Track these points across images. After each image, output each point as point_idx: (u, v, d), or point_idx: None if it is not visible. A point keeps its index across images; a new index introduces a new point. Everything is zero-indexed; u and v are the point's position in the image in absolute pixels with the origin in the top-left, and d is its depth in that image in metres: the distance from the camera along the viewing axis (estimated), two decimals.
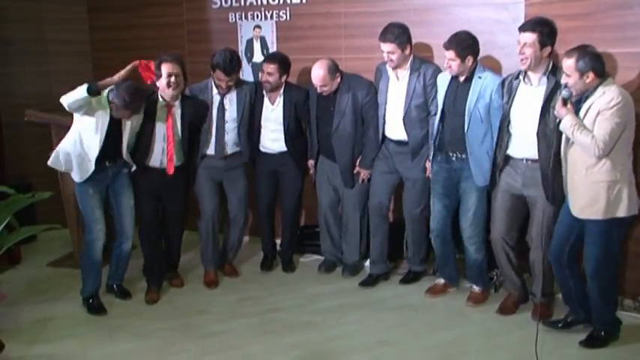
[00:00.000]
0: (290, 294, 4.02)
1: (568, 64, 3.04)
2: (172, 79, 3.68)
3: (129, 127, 3.64)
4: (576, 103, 3.12)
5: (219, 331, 3.51)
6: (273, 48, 4.67)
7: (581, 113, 3.07)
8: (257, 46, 4.72)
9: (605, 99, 2.99)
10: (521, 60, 3.29)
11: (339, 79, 3.97)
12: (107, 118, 3.53)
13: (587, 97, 3.06)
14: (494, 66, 3.94)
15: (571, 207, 3.17)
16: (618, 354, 3.23)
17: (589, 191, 3.07)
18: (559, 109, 3.08)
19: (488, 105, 3.51)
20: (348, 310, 3.77)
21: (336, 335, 3.46)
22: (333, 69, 3.93)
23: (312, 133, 4.22)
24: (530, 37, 3.24)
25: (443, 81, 3.68)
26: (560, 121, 3.11)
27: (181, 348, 3.32)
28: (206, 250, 4.18)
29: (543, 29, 3.24)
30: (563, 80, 3.09)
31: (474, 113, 3.52)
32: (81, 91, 3.33)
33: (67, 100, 3.37)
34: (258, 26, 4.71)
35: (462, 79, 3.58)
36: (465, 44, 3.45)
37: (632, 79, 3.52)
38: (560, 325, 3.44)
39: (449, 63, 3.51)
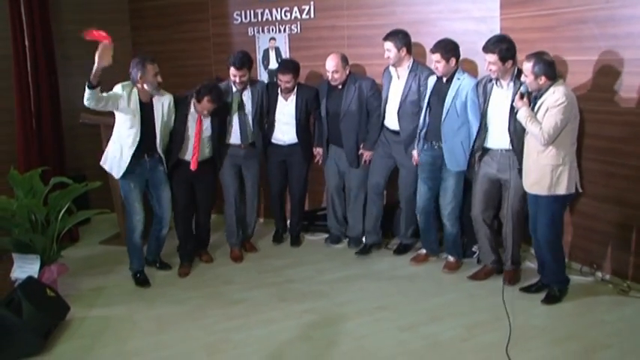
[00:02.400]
0: (302, 267, 4.05)
1: (526, 67, 3.17)
2: (205, 112, 3.75)
3: (160, 121, 3.61)
4: (533, 99, 3.23)
5: (243, 299, 3.55)
6: (286, 56, 4.67)
7: (535, 107, 3.20)
8: (272, 55, 4.72)
9: (554, 98, 3.11)
10: (491, 72, 3.40)
11: (348, 71, 4.03)
12: (138, 113, 3.50)
13: (541, 95, 3.19)
14: (474, 69, 4.01)
15: (524, 183, 3.31)
16: (569, 306, 3.33)
17: (538, 172, 3.22)
18: (516, 102, 3.22)
19: (464, 103, 3.59)
20: (352, 281, 3.79)
21: (343, 302, 3.48)
22: (344, 59, 4.02)
23: (322, 124, 4.23)
24: (492, 57, 3.32)
25: (431, 82, 3.77)
26: (517, 112, 3.24)
27: (211, 313, 3.37)
28: (231, 231, 4.22)
29: (502, 47, 3.30)
30: (522, 79, 3.22)
31: (451, 109, 3.61)
32: (86, 89, 3.23)
33: (84, 100, 3.30)
34: (273, 38, 4.70)
35: (444, 79, 3.65)
36: (448, 48, 3.54)
37: (584, 82, 3.57)
38: (533, 290, 3.50)
39: (435, 65, 3.60)
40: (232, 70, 3.93)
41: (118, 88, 3.49)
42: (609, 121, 3.47)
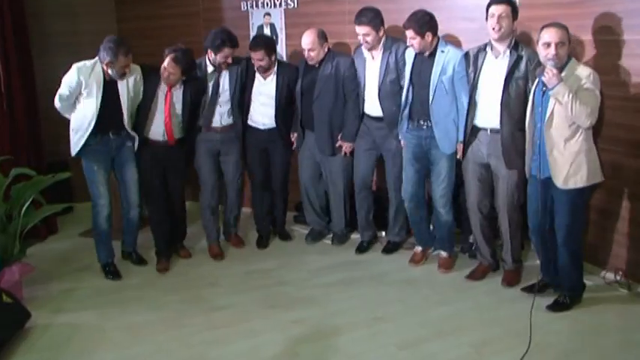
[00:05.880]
0: (295, 267, 3.65)
1: (562, 32, 2.72)
2: (165, 74, 3.36)
3: (127, 97, 3.29)
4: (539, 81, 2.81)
5: (227, 305, 3.17)
6: (282, 34, 4.22)
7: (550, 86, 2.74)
8: (267, 32, 4.25)
9: (585, 72, 2.73)
10: (497, 30, 2.97)
11: (325, 49, 3.60)
12: (101, 86, 3.21)
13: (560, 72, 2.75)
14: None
15: (555, 180, 2.83)
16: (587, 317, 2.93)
17: (571, 162, 2.79)
18: (551, 77, 2.69)
19: (451, 77, 3.22)
20: (349, 285, 3.40)
21: (337, 310, 3.09)
22: (322, 36, 3.58)
23: (297, 105, 3.79)
24: (506, 9, 2.97)
25: (409, 55, 3.36)
26: (534, 89, 2.85)
27: (190, 322, 3.00)
28: (208, 224, 3.81)
29: (513, 2, 2.99)
30: (551, 52, 2.72)
31: (438, 86, 3.23)
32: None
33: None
34: (268, 14, 4.24)
35: (426, 54, 3.25)
36: (421, 22, 3.17)
37: (605, 64, 3.11)
38: (537, 290, 3.08)
39: (410, 42, 3.24)
40: (226, 51, 3.51)
41: (74, 76, 3.18)
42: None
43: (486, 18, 3.03)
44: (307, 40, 3.55)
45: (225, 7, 4.40)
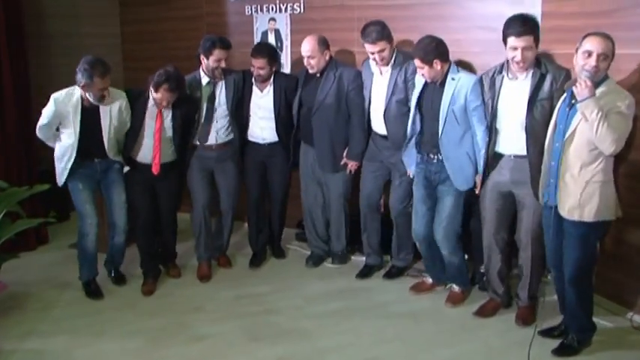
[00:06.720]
0: (289, 292, 3.35)
1: (606, 45, 2.36)
2: (164, 104, 3.13)
3: (108, 124, 3.08)
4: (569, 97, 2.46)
5: (208, 335, 2.89)
6: (287, 40, 3.96)
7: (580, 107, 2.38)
8: (272, 38, 3.99)
9: (621, 95, 2.39)
10: (521, 65, 2.64)
11: (327, 57, 3.32)
12: (78, 113, 3.02)
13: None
14: None
15: (559, 207, 2.50)
16: None
17: (581, 191, 2.44)
18: (583, 88, 2.33)
19: (464, 106, 2.86)
20: (346, 316, 3.08)
21: (327, 347, 2.78)
22: (323, 42, 3.29)
23: (294, 117, 3.52)
24: (529, 40, 2.62)
25: (420, 80, 3.01)
26: (561, 104, 2.50)
27: (164, 354, 2.73)
28: (199, 242, 3.55)
29: (535, 28, 2.64)
30: (591, 62, 2.37)
31: (448, 116, 2.90)
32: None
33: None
34: (273, 19, 3.98)
35: (437, 82, 2.92)
36: (427, 49, 2.84)
37: (636, 81, 2.73)
38: (556, 334, 2.78)
39: (419, 72, 2.93)
40: (218, 54, 3.26)
41: (50, 107, 3.02)
42: None
43: (504, 44, 2.68)
44: (307, 46, 3.29)
45: (229, 12, 4.17)
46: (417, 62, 2.88)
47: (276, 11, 3.95)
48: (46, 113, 3.05)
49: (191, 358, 2.69)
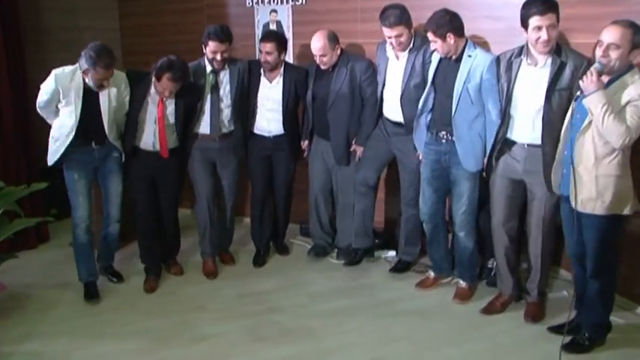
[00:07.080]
0: (293, 290, 3.28)
1: (621, 33, 2.24)
2: (167, 94, 3.05)
3: (107, 106, 2.99)
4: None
5: (211, 335, 2.82)
6: (289, 32, 3.84)
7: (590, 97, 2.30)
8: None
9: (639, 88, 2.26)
10: (546, 44, 2.51)
11: (338, 52, 3.25)
12: (81, 94, 2.93)
13: (610, 81, 2.33)
14: None
15: (571, 198, 2.43)
16: None
17: (595, 184, 2.37)
18: (589, 82, 2.28)
19: (479, 85, 2.79)
20: (351, 315, 3.01)
21: (332, 347, 2.70)
22: (333, 38, 3.20)
23: (308, 112, 3.45)
24: (552, 17, 2.50)
25: (436, 57, 2.93)
26: (577, 95, 2.38)
27: (165, 355, 2.66)
28: (204, 237, 3.46)
29: (556, 6, 2.52)
30: (598, 53, 2.32)
31: (463, 94, 2.81)
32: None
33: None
34: (275, 10, 3.88)
35: (452, 58, 2.83)
36: (440, 22, 2.77)
37: None
38: (568, 330, 2.64)
39: (433, 46, 2.85)
40: (212, 46, 3.17)
41: (51, 83, 2.93)
42: None
43: (525, 28, 2.56)
44: (318, 45, 3.21)
45: (229, 3, 4.06)
46: (429, 35, 2.80)
47: (277, 3, 3.85)
48: (45, 89, 2.95)
49: (193, 359, 2.62)
